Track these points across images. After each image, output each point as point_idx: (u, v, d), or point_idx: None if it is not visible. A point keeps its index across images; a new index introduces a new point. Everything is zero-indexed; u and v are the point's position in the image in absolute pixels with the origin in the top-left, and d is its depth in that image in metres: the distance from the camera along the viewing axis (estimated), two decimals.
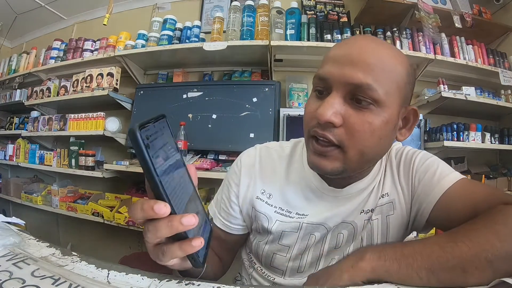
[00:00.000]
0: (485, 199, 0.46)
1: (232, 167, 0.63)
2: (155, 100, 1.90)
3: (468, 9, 1.83)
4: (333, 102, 0.44)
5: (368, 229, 0.55)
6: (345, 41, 0.49)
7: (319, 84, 0.47)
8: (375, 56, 0.44)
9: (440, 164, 0.54)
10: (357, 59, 0.44)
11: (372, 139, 0.45)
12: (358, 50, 0.45)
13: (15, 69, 2.50)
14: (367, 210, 0.55)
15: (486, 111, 1.87)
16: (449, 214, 0.48)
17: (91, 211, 1.84)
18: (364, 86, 0.43)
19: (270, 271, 0.60)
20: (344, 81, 0.44)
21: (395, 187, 0.56)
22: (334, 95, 0.44)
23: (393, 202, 0.55)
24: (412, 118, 0.52)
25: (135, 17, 2.33)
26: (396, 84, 0.45)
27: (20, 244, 0.45)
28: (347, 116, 0.44)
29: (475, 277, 0.36)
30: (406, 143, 1.66)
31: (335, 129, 0.44)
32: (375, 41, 0.48)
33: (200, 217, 0.33)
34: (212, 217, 0.63)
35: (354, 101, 0.44)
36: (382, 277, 0.39)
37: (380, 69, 0.44)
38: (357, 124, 0.44)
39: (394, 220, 0.55)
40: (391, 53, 0.46)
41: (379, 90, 0.43)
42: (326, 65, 0.46)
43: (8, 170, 2.60)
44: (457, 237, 0.39)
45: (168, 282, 0.37)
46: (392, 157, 0.59)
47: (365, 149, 0.45)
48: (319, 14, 1.88)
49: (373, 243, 0.55)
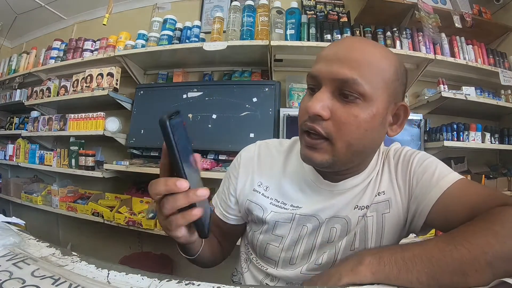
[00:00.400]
0: (483, 200, 0.46)
1: (233, 161, 0.68)
2: (155, 100, 1.90)
3: (468, 9, 1.83)
4: (322, 97, 0.47)
5: (362, 225, 0.55)
6: (335, 42, 0.53)
7: (311, 82, 0.51)
8: (362, 54, 0.47)
9: (439, 165, 0.54)
10: (344, 57, 0.47)
11: (358, 131, 0.47)
12: (346, 48, 0.48)
13: (15, 69, 2.50)
14: (362, 206, 0.56)
15: (486, 111, 1.87)
16: (447, 215, 0.49)
17: (91, 211, 1.84)
18: (350, 81, 0.45)
19: (263, 262, 0.62)
20: (331, 77, 0.47)
21: (392, 186, 0.57)
22: (323, 90, 0.48)
23: (389, 201, 0.56)
24: (403, 114, 0.53)
25: (135, 17, 2.33)
26: (383, 80, 0.48)
27: (20, 244, 0.45)
28: (334, 110, 0.47)
29: (475, 279, 0.37)
30: (406, 143, 1.67)
31: (324, 122, 0.47)
32: (363, 40, 0.52)
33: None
34: (214, 207, 0.67)
35: (341, 96, 0.47)
36: (381, 282, 0.39)
37: (366, 66, 0.46)
38: (343, 117, 0.47)
39: (390, 218, 0.55)
40: (378, 51, 0.49)
41: (365, 85, 0.46)
42: (317, 64, 0.50)
43: (8, 170, 2.60)
44: (456, 240, 0.39)
45: (168, 282, 0.37)
46: (390, 157, 0.59)
47: (352, 141, 0.48)
48: (319, 14, 1.88)
49: (367, 239, 0.55)
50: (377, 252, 0.42)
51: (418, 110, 1.82)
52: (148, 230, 1.65)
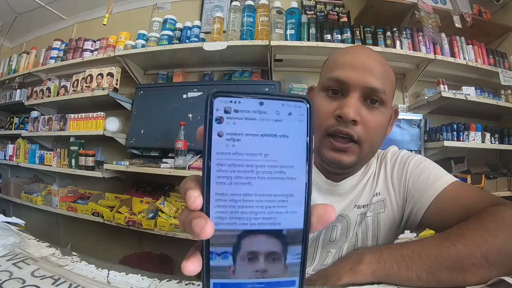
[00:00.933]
0: (476, 201, 0.48)
1: None
2: (155, 100, 1.90)
3: (468, 9, 1.83)
4: (355, 103, 0.50)
5: (363, 226, 0.58)
6: (352, 50, 0.57)
7: (336, 86, 0.53)
8: (381, 66, 0.53)
9: (435, 168, 0.57)
10: (370, 67, 0.52)
11: (379, 133, 0.54)
12: (368, 59, 0.53)
13: (15, 69, 2.50)
14: (360, 205, 0.59)
15: (486, 111, 1.87)
16: (442, 216, 0.51)
17: (91, 211, 1.84)
18: (379, 90, 0.51)
19: None
20: (363, 85, 0.51)
21: (386, 187, 0.60)
22: (353, 96, 0.51)
23: (384, 201, 0.59)
24: (394, 115, 0.60)
25: (135, 17, 2.33)
26: (392, 88, 0.56)
27: (20, 244, 0.45)
28: (363, 115, 0.51)
29: (473, 274, 0.37)
30: (406, 143, 1.67)
31: (355, 127, 0.50)
32: (374, 52, 0.57)
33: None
34: None
35: (367, 101, 0.52)
36: (381, 280, 0.39)
37: (386, 77, 0.53)
38: (372, 121, 0.51)
39: (385, 218, 0.58)
40: (386, 62, 0.56)
41: (386, 93, 0.52)
42: (343, 71, 0.52)
43: (8, 170, 2.60)
44: (452, 237, 0.40)
45: (168, 282, 0.37)
46: (387, 159, 0.62)
47: (374, 142, 0.53)
48: (319, 14, 1.88)
49: (367, 239, 0.58)
50: (377, 250, 0.42)
51: (418, 110, 1.82)
52: (148, 230, 1.65)
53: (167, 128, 1.76)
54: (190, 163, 1.60)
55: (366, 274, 0.40)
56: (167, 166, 1.61)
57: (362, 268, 0.40)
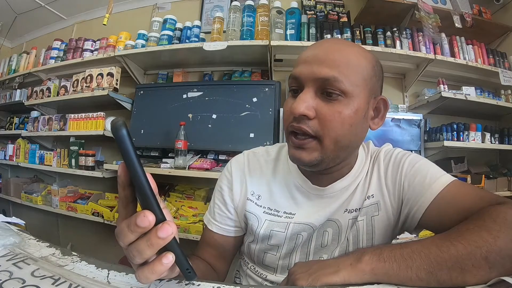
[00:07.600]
0: (475, 202, 0.47)
1: (223, 173, 0.66)
2: (155, 100, 1.90)
3: (468, 9, 1.83)
4: (305, 97, 0.49)
5: (354, 230, 0.56)
6: (313, 45, 0.54)
7: (293, 84, 0.52)
8: (340, 53, 0.49)
9: (431, 167, 0.55)
10: (323, 58, 0.49)
11: (343, 127, 0.49)
12: (324, 50, 0.50)
13: (15, 69, 2.49)
14: (351, 209, 0.57)
15: (486, 111, 1.87)
16: (440, 219, 0.50)
17: (91, 211, 1.84)
18: (331, 79, 0.47)
19: (262, 269, 0.63)
20: (313, 77, 0.48)
21: (380, 189, 0.57)
22: (305, 91, 0.49)
23: (378, 204, 0.57)
24: (383, 108, 0.55)
25: (135, 17, 2.33)
26: (362, 76, 0.50)
27: (20, 244, 0.45)
28: (319, 108, 0.48)
29: (473, 274, 0.37)
30: (406, 143, 1.67)
31: (310, 121, 0.49)
32: (340, 41, 0.54)
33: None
34: (205, 225, 0.65)
35: (324, 94, 0.49)
36: (380, 279, 0.39)
37: (345, 64, 0.48)
38: (328, 114, 0.48)
39: (379, 221, 0.56)
40: (355, 50, 0.51)
41: (345, 82, 0.48)
42: (298, 67, 0.51)
43: (8, 170, 2.60)
44: (452, 237, 0.40)
45: (168, 282, 0.38)
46: (380, 159, 0.60)
47: (339, 137, 0.49)
48: (319, 14, 1.88)
49: (359, 245, 0.56)
50: (377, 249, 0.42)
51: (418, 110, 1.82)
52: None
53: (167, 128, 1.76)
54: (190, 163, 1.60)
55: (365, 271, 0.40)
56: (167, 166, 1.61)
57: (362, 265, 0.40)
